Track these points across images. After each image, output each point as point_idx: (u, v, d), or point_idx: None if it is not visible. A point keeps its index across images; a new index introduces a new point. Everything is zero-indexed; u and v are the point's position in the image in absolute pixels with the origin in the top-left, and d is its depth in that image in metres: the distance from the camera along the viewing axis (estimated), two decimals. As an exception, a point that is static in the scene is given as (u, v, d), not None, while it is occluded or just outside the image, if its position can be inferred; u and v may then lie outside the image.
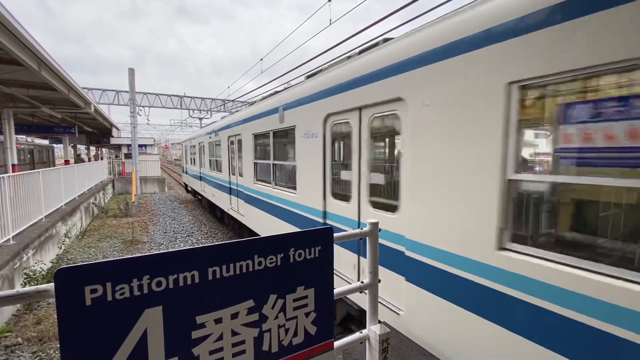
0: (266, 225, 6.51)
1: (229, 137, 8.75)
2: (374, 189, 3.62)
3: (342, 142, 4.30)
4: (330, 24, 7.56)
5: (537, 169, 2.28)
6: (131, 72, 19.30)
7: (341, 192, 4.22)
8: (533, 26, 1.99)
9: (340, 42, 7.29)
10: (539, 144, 2.26)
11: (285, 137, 5.76)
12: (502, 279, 2.16)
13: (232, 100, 25.18)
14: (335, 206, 4.27)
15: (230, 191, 9.02)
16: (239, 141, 7.82)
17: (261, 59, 13.64)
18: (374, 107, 3.46)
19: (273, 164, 6.13)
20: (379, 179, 3.54)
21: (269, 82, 11.09)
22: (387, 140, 3.75)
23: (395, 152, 3.40)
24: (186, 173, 18.68)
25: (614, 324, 1.68)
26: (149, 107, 26.60)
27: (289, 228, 5.34)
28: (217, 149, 10.43)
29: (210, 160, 11.75)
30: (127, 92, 20.85)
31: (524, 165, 2.18)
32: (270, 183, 6.25)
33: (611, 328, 1.69)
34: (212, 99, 28.89)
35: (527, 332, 2.04)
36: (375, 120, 3.51)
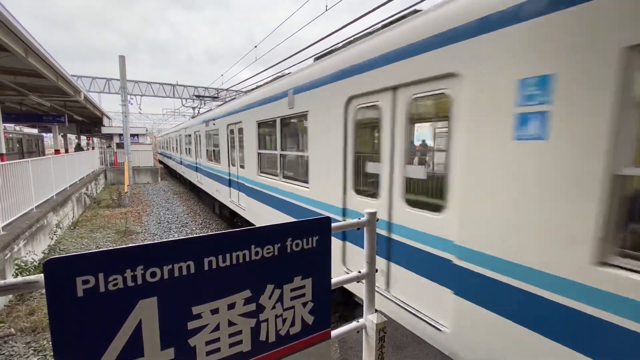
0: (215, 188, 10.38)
1: (195, 131, 13.33)
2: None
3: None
4: (326, 9, 7.41)
5: None
6: (122, 59, 18.85)
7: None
8: None
9: (335, 30, 7.17)
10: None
11: (216, 134, 10.02)
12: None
13: (226, 89, 24.78)
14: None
15: (197, 169, 13.48)
16: (200, 134, 12.27)
17: (255, 46, 13.39)
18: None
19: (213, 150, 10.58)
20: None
21: (263, 71, 10.91)
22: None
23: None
24: (160, 154, 33.48)
25: None
26: (141, 95, 26.12)
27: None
28: (187, 139, 16.01)
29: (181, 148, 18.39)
30: (118, 80, 20.38)
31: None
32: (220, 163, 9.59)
33: None
34: (205, 88, 28.43)
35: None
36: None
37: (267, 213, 6.19)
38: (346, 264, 3.98)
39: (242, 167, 7.44)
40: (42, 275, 1.06)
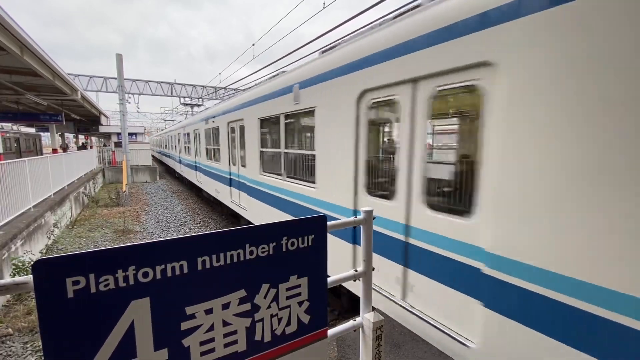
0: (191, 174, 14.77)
1: (178, 133, 18.07)
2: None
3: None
4: (324, 7, 7.37)
5: None
6: (119, 58, 18.72)
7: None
8: None
9: (334, 27, 7.13)
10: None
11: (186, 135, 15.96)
12: None
13: (224, 88, 24.73)
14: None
15: (180, 160, 18.54)
16: (187, 134, 15.64)
17: (253, 44, 13.33)
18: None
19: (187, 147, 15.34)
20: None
21: (261, 69, 10.88)
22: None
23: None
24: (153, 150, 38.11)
25: None
26: (139, 94, 25.98)
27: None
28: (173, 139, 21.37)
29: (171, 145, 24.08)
30: (115, 78, 20.25)
31: None
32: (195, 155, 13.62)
33: None
34: (203, 86, 28.34)
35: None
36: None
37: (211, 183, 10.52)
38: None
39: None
40: (31, 276, 1.04)
